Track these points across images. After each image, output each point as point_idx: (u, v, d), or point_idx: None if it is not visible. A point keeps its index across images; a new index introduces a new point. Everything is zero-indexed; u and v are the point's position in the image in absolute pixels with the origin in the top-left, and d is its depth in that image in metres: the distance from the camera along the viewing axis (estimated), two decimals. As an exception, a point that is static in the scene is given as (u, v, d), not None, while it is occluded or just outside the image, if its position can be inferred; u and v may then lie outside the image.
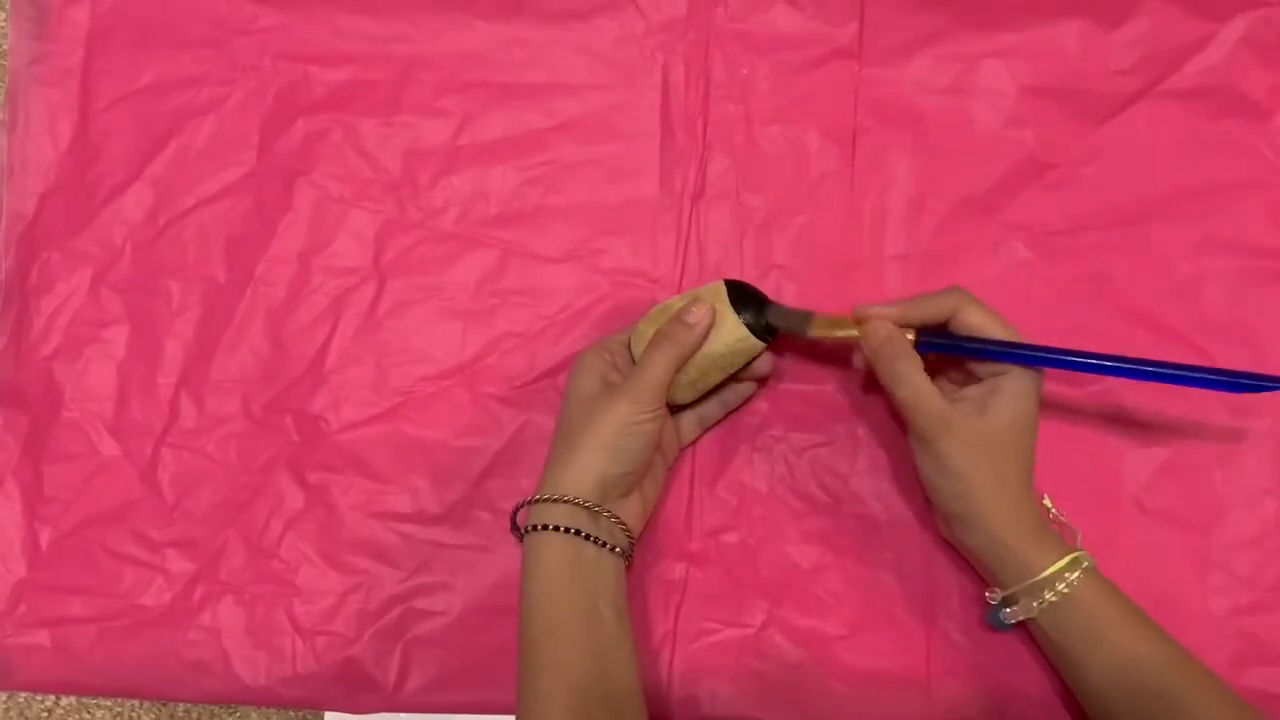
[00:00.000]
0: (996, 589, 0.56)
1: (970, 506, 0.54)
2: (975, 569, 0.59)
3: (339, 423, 0.64)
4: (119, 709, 0.67)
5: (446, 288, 0.65)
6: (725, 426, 0.63)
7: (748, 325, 0.57)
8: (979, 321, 0.55)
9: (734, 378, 0.60)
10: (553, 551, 0.54)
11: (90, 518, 0.63)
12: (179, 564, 0.63)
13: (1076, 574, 0.53)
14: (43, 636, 0.62)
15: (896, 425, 0.62)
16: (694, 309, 0.56)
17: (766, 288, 0.64)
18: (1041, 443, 0.57)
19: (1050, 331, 0.62)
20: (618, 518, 0.55)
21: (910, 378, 0.54)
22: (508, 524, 0.61)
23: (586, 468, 0.54)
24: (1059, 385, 0.62)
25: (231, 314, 0.65)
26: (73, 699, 0.67)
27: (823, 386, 0.63)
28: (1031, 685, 0.60)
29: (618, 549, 0.55)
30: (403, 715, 0.62)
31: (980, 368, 0.56)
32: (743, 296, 0.58)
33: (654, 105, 0.66)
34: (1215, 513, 0.61)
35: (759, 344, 0.57)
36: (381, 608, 0.62)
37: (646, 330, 0.58)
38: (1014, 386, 0.54)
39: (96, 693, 0.63)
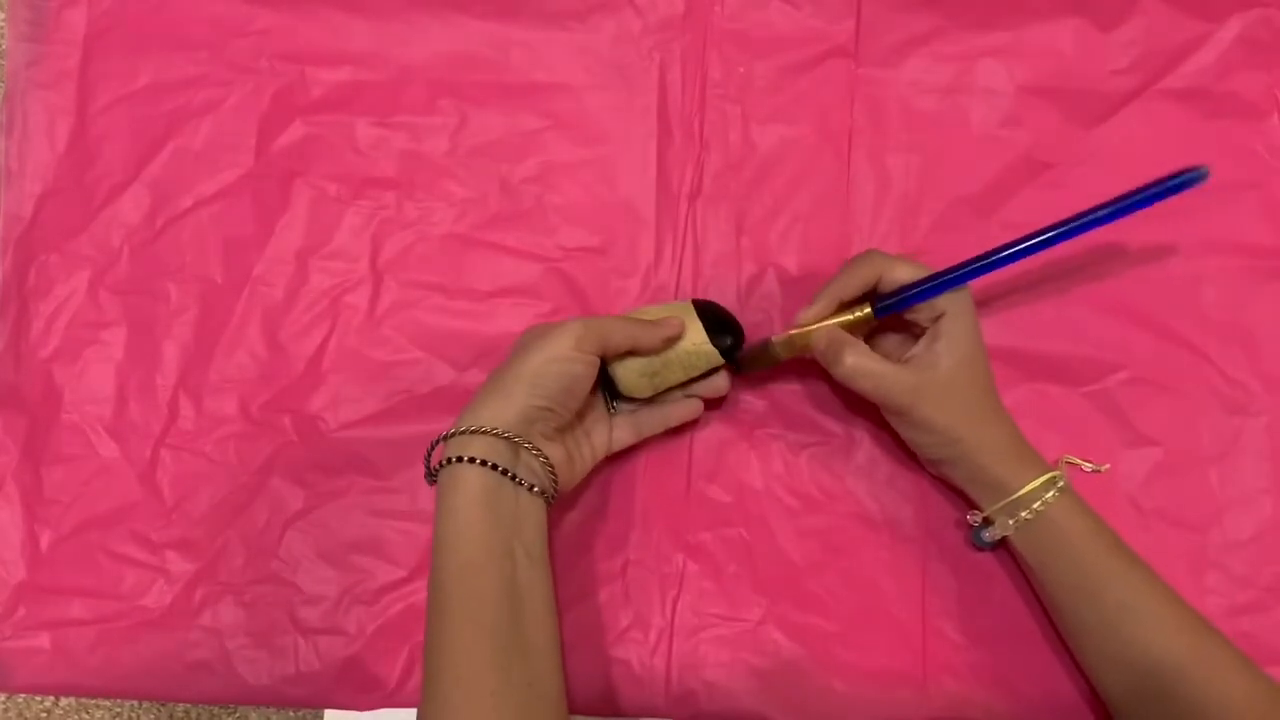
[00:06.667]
0: (977, 512, 0.58)
1: (956, 448, 0.56)
2: (963, 496, 0.59)
3: (337, 422, 0.64)
4: (118, 709, 0.67)
5: (444, 288, 0.65)
6: (723, 423, 0.63)
7: (710, 330, 0.58)
8: (906, 274, 0.55)
9: (694, 390, 0.60)
10: (469, 486, 0.52)
11: (90, 519, 0.64)
12: (179, 565, 0.63)
13: (1051, 493, 0.55)
14: (43, 639, 0.62)
15: (865, 407, 0.62)
16: (668, 319, 0.57)
17: (764, 287, 0.64)
18: (1037, 442, 0.57)
19: (1048, 331, 0.63)
20: (540, 451, 0.54)
21: (864, 368, 0.55)
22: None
23: (509, 400, 0.53)
24: (1056, 385, 0.63)
25: (229, 315, 0.65)
26: (72, 699, 0.67)
27: (820, 385, 0.63)
28: (1027, 684, 0.60)
29: (537, 489, 0.53)
30: (404, 713, 0.62)
31: (919, 315, 0.56)
32: (708, 309, 0.59)
33: (651, 105, 0.66)
34: (1212, 512, 0.61)
35: (717, 354, 0.58)
36: (383, 605, 0.62)
37: None
38: (954, 326, 0.55)
39: (97, 694, 0.63)
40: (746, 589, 0.62)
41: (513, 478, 0.52)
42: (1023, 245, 0.53)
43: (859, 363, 0.55)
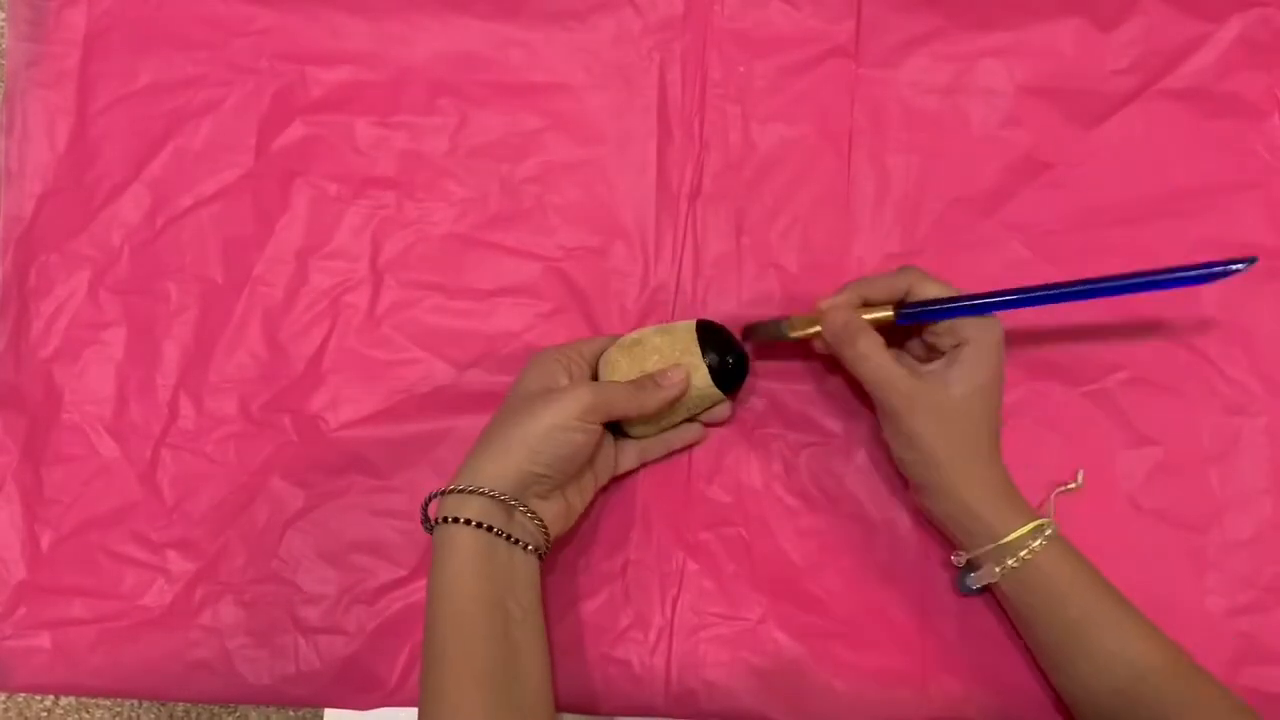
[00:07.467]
0: (962, 553, 0.57)
1: (939, 475, 0.55)
2: (945, 535, 0.59)
3: (337, 422, 0.64)
4: (118, 708, 0.67)
5: (444, 287, 0.65)
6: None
7: (713, 368, 0.58)
8: (936, 293, 0.55)
9: (697, 418, 0.62)
10: (463, 546, 0.53)
11: (90, 519, 0.64)
12: (179, 565, 0.63)
13: (1039, 540, 0.54)
14: (43, 638, 0.62)
15: (867, 407, 0.62)
16: (671, 374, 0.57)
17: (764, 286, 0.64)
18: (1037, 443, 0.57)
19: (1048, 331, 0.63)
20: (535, 513, 0.54)
21: (872, 354, 0.55)
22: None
23: (507, 462, 0.53)
24: (1056, 385, 0.63)
25: (229, 315, 0.65)
26: (72, 698, 0.67)
27: (820, 386, 0.63)
28: (1027, 683, 0.60)
29: (531, 547, 0.54)
30: (404, 712, 0.62)
31: (941, 340, 0.56)
32: (712, 337, 0.59)
33: (651, 105, 0.66)
34: (1212, 512, 0.61)
35: (721, 395, 0.59)
36: (383, 605, 0.62)
37: (618, 358, 0.59)
38: (975, 355, 0.54)
39: (98, 694, 0.63)
40: (746, 588, 0.62)
41: (507, 537, 0.53)
42: (1055, 292, 0.54)
43: (870, 350, 0.55)
